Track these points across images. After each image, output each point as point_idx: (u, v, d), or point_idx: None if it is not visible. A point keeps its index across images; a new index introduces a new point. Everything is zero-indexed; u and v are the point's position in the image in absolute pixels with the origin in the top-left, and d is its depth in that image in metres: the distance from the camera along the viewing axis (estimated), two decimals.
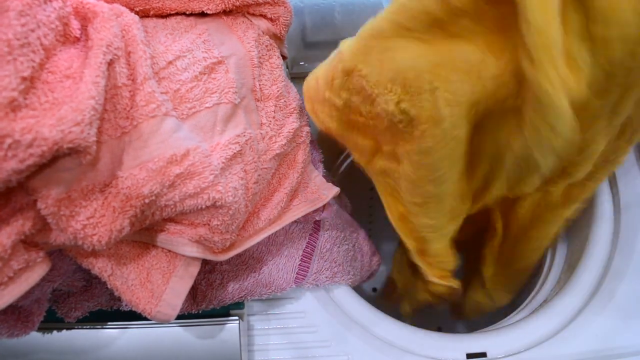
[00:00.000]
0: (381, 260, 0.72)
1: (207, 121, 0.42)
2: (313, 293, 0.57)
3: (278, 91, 0.49)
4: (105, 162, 0.36)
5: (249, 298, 0.51)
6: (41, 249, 0.37)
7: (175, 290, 0.41)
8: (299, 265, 0.53)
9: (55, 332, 0.48)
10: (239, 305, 0.51)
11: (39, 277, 0.37)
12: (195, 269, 0.43)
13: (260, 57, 0.48)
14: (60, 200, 0.34)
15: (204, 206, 0.40)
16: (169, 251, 0.41)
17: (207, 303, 0.49)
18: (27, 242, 0.36)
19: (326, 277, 0.56)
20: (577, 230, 0.66)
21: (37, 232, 0.35)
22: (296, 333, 0.54)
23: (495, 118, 0.42)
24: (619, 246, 0.56)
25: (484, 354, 0.52)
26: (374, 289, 1.17)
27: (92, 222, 0.36)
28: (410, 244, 0.53)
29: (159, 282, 0.41)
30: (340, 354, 0.53)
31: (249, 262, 0.50)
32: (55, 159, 0.33)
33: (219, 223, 0.41)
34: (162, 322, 0.42)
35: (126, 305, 0.43)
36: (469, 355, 0.53)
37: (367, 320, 0.56)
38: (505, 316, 0.66)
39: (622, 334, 0.52)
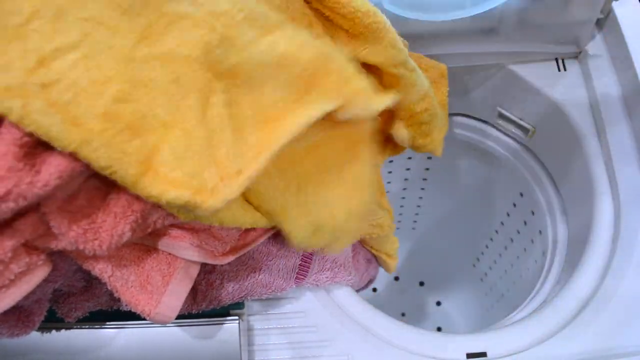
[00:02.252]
0: (378, 268, 0.73)
1: None
2: (313, 293, 0.57)
3: None
4: None
5: (249, 298, 0.51)
6: (42, 252, 0.37)
7: (175, 292, 0.41)
8: (299, 265, 0.53)
9: (55, 332, 0.48)
10: (239, 305, 0.51)
11: (39, 280, 0.37)
12: (194, 271, 0.43)
13: None
14: (63, 204, 0.34)
15: None
16: (169, 253, 0.41)
17: (207, 303, 0.49)
18: (28, 246, 0.36)
19: (326, 278, 0.56)
20: (577, 230, 0.66)
21: (38, 237, 0.35)
22: (296, 333, 0.54)
23: None
24: (619, 246, 0.56)
25: (484, 354, 0.52)
26: (374, 289, 1.17)
27: (93, 227, 0.35)
28: None
29: (159, 284, 0.41)
30: (340, 353, 0.53)
31: (248, 262, 0.50)
32: None
33: (219, 227, 0.41)
34: (161, 323, 0.42)
35: (126, 305, 0.43)
36: (469, 355, 0.53)
37: (367, 320, 0.56)
38: (505, 316, 0.66)
39: (622, 334, 0.51)
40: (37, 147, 0.30)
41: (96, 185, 0.35)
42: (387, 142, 0.58)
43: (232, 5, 0.34)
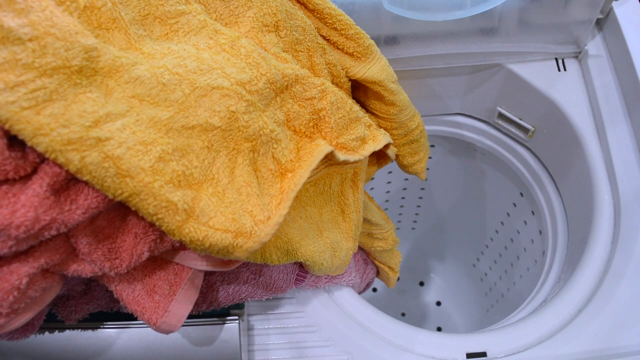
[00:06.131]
0: (375, 269, 0.73)
1: None
2: (313, 293, 0.57)
3: None
4: None
5: (249, 299, 0.51)
6: (56, 274, 0.37)
7: (181, 302, 0.41)
8: (299, 267, 0.53)
9: (55, 332, 0.48)
10: (239, 305, 0.51)
11: (52, 298, 0.38)
12: (199, 281, 0.43)
13: None
14: (86, 226, 0.35)
15: None
16: (177, 263, 0.41)
17: (208, 305, 0.49)
18: (44, 270, 0.36)
19: (326, 279, 0.56)
20: (577, 230, 0.66)
21: (55, 264, 0.36)
22: (296, 333, 0.54)
23: None
24: (619, 246, 0.56)
25: (484, 354, 0.52)
26: (374, 289, 1.17)
27: (114, 247, 0.36)
28: None
29: (166, 294, 0.41)
30: (341, 353, 0.53)
31: (249, 264, 0.50)
32: None
33: None
34: (166, 332, 0.42)
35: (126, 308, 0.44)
36: (469, 355, 0.53)
37: (367, 319, 0.56)
38: (505, 316, 0.66)
39: (622, 334, 0.52)
40: (71, 179, 0.33)
41: (114, 206, 0.36)
42: (378, 157, 0.62)
43: (255, 72, 0.40)
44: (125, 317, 0.48)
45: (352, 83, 0.54)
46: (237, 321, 0.49)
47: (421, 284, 1.18)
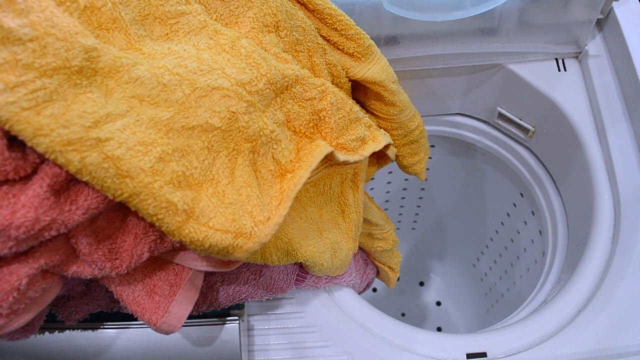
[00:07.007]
0: (375, 269, 0.73)
1: None
2: (313, 293, 0.57)
3: None
4: None
5: (249, 300, 0.51)
6: (56, 275, 0.37)
7: (182, 303, 0.41)
8: (299, 267, 0.53)
9: (55, 332, 0.48)
10: (239, 305, 0.51)
11: (52, 299, 0.38)
12: (199, 282, 0.43)
13: None
14: (86, 226, 0.35)
15: None
16: (177, 264, 0.41)
17: (208, 305, 0.49)
18: (44, 271, 0.36)
19: (326, 279, 0.56)
20: (577, 230, 0.66)
21: (55, 265, 0.36)
22: (296, 333, 0.55)
23: None
24: (619, 246, 0.56)
25: (484, 354, 0.52)
26: (374, 289, 1.17)
27: (114, 247, 0.36)
28: None
29: (166, 294, 0.41)
30: (341, 353, 0.53)
31: (249, 265, 0.50)
32: None
33: None
34: (166, 333, 0.42)
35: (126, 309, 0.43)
36: (469, 355, 0.53)
37: (367, 320, 0.56)
38: (505, 316, 0.66)
39: (622, 334, 0.52)
40: (71, 180, 0.33)
41: (115, 207, 0.36)
42: (378, 157, 0.62)
43: (256, 72, 0.40)
44: (125, 317, 0.48)
45: (352, 83, 0.54)
46: (237, 321, 0.49)
47: (421, 284, 1.18)
